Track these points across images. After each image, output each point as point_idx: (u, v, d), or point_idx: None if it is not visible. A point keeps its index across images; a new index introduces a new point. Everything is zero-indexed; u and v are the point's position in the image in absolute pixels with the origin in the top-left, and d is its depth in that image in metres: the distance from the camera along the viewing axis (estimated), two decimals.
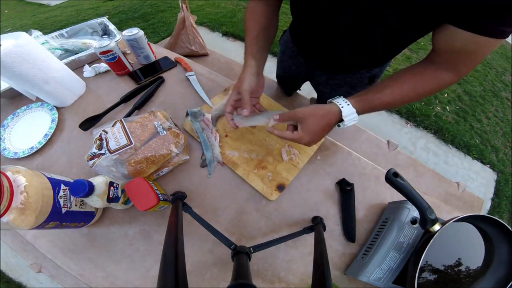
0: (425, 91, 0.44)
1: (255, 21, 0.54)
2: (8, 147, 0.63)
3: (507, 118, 1.98)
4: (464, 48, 0.38)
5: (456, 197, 0.90)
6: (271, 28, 0.56)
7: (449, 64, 0.42)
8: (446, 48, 0.40)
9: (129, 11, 2.71)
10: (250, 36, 0.53)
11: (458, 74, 0.42)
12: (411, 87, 0.44)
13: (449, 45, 0.39)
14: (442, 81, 0.43)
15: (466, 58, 0.40)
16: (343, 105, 0.44)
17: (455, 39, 0.37)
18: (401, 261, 0.46)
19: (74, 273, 0.51)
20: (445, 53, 0.41)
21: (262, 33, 0.53)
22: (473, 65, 0.41)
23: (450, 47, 0.39)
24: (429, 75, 0.43)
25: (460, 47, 0.38)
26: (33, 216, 0.38)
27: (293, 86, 0.95)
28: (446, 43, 0.39)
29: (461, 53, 0.39)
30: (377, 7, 0.39)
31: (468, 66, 0.41)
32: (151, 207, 0.46)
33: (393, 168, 0.42)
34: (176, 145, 0.55)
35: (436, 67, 0.43)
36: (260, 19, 0.54)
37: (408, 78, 0.44)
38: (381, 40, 0.48)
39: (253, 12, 0.55)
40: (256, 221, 0.55)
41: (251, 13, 0.55)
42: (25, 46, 0.56)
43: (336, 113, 0.44)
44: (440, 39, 0.39)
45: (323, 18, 0.50)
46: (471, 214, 0.43)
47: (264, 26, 0.54)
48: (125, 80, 0.77)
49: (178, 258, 0.31)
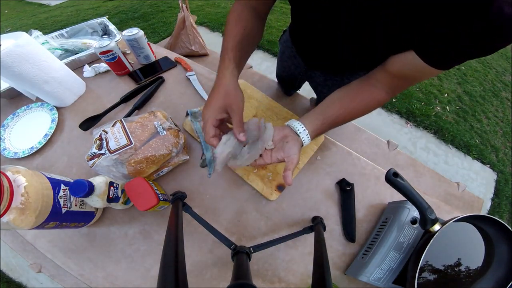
0: (365, 113, 0.47)
1: (241, 25, 0.48)
2: (8, 147, 0.63)
3: (507, 118, 1.98)
4: (412, 75, 0.41)
5: (456, 197, 0.90)
6: (256, 36, 0.52)
7: (391, 87, 0.44)
8: (397, 72, 0.42)
9: (129, 11, 2.71)
10: (233, 41, 0.47)
11: (391, 96, 0.46)
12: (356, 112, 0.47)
13: (400, 70, 0.41)
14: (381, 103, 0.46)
15: (407, 83, 0.44)
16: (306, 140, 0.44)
17: (410, 65, 0.39)
18: (401, 261, 0.46)
19: (74, 273, 0.51)
20: (393, 76, 0.43)
21: (245, 39, 0.48)
22: (406, 88, 0.46)
23: (401, 71, 0.41)
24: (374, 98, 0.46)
25: (410, 73, 0.41)
26: (33, 216, 0.38)
27: (292, 86, 0.95)
28: (399, 67, 0.41)
29: (407, 79, 0.42)
30: (377, 7, 0.39)
31: (403, 89, 0.46)
32: (151, 207, 0.46)
33: (393, 168, 0.42)
34: (176, 145, 0.55)
35: (379, 89, 0.45)
36: (247, 24, 0.49)
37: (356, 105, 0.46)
38: (382, 40, 0.48)
39: (239, 15, 0.50)
40: (256, 221, 0.55)
41: (237, 16, 0.50)
42: (25, 46, 0.56)
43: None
44: (396, 62, 0.41)
45: (324, 18, 0.50)
46: (471, 214, 0.43)
47: (249, 32, 0.49)
48: (125, 80, 0.77)
49: (178, 258, 0.31)
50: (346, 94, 0.48)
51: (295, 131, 0.44)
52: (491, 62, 2.45)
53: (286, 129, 0.45)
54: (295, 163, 0.41)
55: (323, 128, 0.46)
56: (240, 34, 0.47)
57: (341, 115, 0.46)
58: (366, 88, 0.46)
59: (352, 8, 0.42)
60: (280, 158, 0.43)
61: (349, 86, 0.49)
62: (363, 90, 0.47)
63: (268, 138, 0.43)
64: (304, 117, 0.47)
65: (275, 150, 0.44)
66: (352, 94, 0.47)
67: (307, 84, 0.87)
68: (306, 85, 0.89)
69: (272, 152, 0.44)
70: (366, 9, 0.41)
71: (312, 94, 0.94)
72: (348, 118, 0.47)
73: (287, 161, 0.41)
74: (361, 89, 0.47)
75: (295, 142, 0.43)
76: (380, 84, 0.45)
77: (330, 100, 0.48)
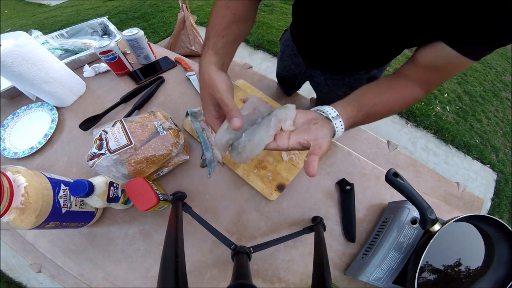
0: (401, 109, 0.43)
1: (230, 7, 0.40)
2: (8, 147, 0.63)
3: (507, 118, 1.98)
4: (444, 66, 0.38)
5: (456, 197, 0.90)
6: (247, 21, 0.45)
7: (424, 81, 0.42)
8: (428, 64, 0.40)
9: (129, 11, 2.71)
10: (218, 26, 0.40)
11: (427, 91, 0.43)
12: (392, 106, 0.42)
13: (432, 61, 0.39)
14: (416, 99, 0.43)
15: (441, 76, 0.41)
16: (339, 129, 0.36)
17: (440, 56, 0.37)
18: (401, 261, 0.46)
19: (74, 273, 0.51)
20: (424, 69, 0.41)
21: (235, 25, 0.41)
22: (440, 83, 0.43)
23: (433, 63, 0.39)
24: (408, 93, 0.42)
25: (442, 65, 0.38)
26: (33, 216, 0.38)
27: (292, 85, 0.95)
28: (430, 59, 0.39)
29: (440, 71, 0.40)
30: (378, 8, 0.39)
31: (437, 84, 0.43)
32: (151, 207, 0.46)
33: (393, 168, 0.42)
34: (176, 145, 0.55)
35: (412, 84, 0.42)
36: (238, 6, 0.41)
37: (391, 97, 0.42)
38: (382, 40, 0.48)
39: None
40: (256, 221, 0.55)
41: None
42: (25, 46, 0.56)
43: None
44: (426, 54, 0.39)
45: (324, 18, 0.50)
46: (471, 214, 0.43)
47: (240, 16, 0.41)
48: (125, 80, 0.77)
49: (178, 258, 0.31)
50: (378, 83, 0.43)
51: (326, 115, 0.36)
52: (491, 62, 2.45)
53: (312, 113, 0.36)
54: (324, 150, 0.31)
55: (358, 117, 0.38)
56: (227, 19, 0.40)
57: (378, 104, 0.40)
58: (398, 81, 0.43)
59: (353, 8, 0.42)
60: (303, 141, 0.32)
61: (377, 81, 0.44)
62: (396, 83, 0.43)
63: (287, 117, 0.33)
64: (335, 103, 0.38)
65: (297, 132, 0.33)
66: (384, 85, 0.43)
67: (307, 84, 0.87)
68: (306, 85, 0.89)
69: (291, 135, 0.33)
70: (367, 10, 0.41)
71: (312, 94, 0.94)
72: (384, 111, 0.41)
73: (314, 145, 0.32)
74: (393, 82, 0.43)
75: (325, 124, 0.34)
76: (411, 80, 0.42)
77: (362, 90, 0.41)
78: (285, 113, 0.33)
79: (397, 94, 0.42)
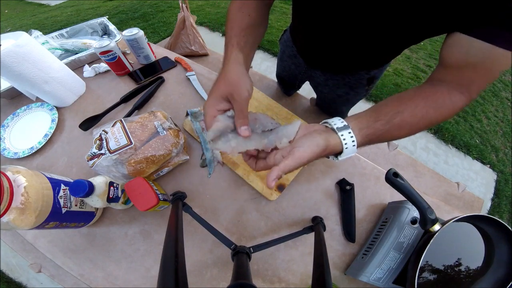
0: (437, 119, 0.36)
1: (245, 13, 0.43)
2: (8, 147, 0.63)
3: (507, 118, 1.98)
4: (479, 62, 0.33)
5: (456, 197, 0.90)
6: (261, 27, 0.47)
7: (461, 83, 0.35)
8: (459, 62, 0.34)
9: (129, 11, 2.71)
10: (237, 28, 0.41)
11: (469, 95, 0.36)
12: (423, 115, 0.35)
13: (462, 59, 0.34)
14: (456, 105, 0.36)
15: (481, 75, 0.34)
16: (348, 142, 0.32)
17: (469, 51, 0.32)
18: (401, 261, 0.46)
19: (74, 273, 0.51)
20: (457, 69, 0.35)
21: (251, 28, 0.43)
22: (485, 84, 0.35)
23: (464, 61, 0.34)
24: (443, 99, 0.36)
25: (475, 61, 0.33)
26: (33, 216, 0.38)
27: (292, 86, 0.95)
28: (459, 56, 0.34)
29: (476, 68, 0.33)
30: (378, 7, 0.39)
31: (480, 85, 0.35)
32: (151, 207, 0.46)
33: (393, 168, 0.42)
34: (176, 145, 0.55)
35: (447, 88, 0.36)
36: (251, 12, 0.44)
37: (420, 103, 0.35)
38: (382, 40, 0.48)
39: (242, 2, 0.45)
40: (256, 221, 0.55)
41: (241, 3, 0.45)
42: (25, 46, 0.56)
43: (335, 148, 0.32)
44: (453, 52, 0.34)
45: (324, 18, 0.50)
46: (471, 214, 0.43)
47: (255, 21, 0.44)
48: (125, 80, 0.77)
49: (178, 258, 0.31)
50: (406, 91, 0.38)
51: (331, 126, 0.33)
52: None
53: (316, 125, 0.34)
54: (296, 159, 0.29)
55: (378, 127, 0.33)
56: (245, 21, 0.43)
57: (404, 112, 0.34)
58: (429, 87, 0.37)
59: (353, 8, 0.42)
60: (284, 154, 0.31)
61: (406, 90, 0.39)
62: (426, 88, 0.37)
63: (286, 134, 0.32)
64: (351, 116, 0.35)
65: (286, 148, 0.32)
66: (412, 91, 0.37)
67: (307, 84, 0.87)
68: (306, 85, 0.89)
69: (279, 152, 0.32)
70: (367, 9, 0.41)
71: (312, 94, 0.94)
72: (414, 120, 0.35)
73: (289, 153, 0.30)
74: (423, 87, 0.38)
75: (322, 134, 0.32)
76: (446, 84, 0.36)
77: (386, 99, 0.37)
78: (286, 130, 0.32)
79: (428, 100, 0.35)
